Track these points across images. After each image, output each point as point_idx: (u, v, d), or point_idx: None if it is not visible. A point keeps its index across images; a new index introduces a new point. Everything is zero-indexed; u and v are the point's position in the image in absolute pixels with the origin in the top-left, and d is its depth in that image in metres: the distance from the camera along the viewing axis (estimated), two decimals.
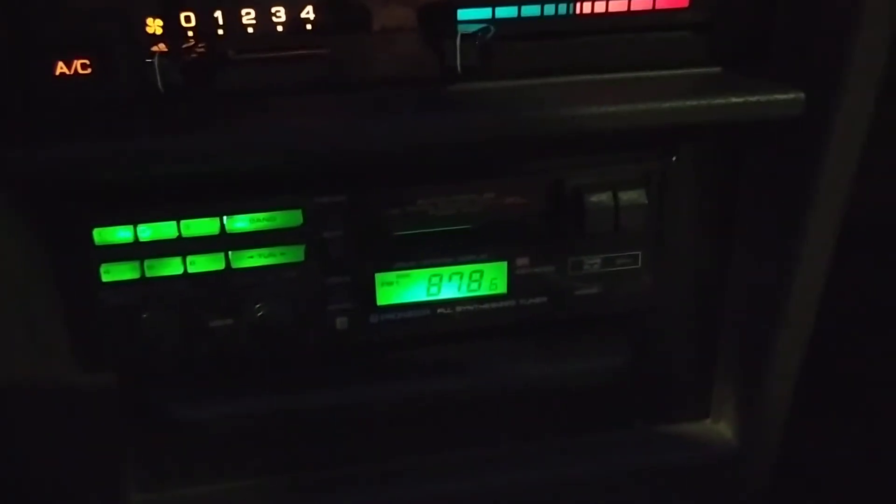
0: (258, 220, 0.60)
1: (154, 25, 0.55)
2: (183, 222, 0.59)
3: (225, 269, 0.61)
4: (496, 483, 0.72)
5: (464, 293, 0.65)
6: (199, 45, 0.55)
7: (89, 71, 0.55)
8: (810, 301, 0.68)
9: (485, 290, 0.66)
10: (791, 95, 0.58)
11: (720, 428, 0.76)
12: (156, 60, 0.52)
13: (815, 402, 0.77)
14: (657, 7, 0.60)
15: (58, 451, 0.64)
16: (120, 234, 0.59)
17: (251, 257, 0.61)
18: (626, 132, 0.58)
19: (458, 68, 0.55)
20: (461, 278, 0.65)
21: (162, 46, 0.54)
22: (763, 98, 0.58)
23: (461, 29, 0.55)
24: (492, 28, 0.56)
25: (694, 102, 0.58)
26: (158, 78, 0.52)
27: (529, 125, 0.56)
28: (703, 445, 0.75)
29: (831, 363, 0.82)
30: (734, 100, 0.58)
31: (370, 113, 0.56)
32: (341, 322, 0.64)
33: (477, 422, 0.73)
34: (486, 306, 0.66)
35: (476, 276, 0.65)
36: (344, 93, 0.59)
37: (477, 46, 0.55)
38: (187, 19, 0.56)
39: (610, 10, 0.60)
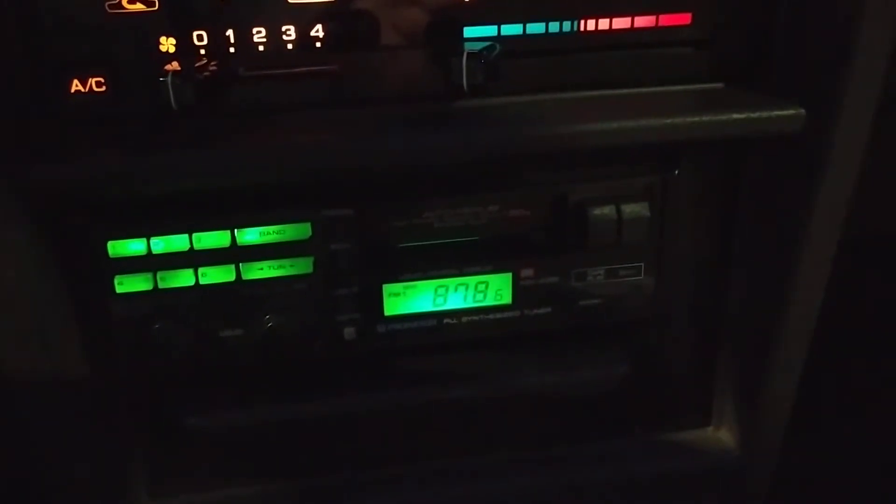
0: (268, 233, 0.61)
1: (167, 44, 0.57)
2: (195, 235, 0.60)
3: (235, 280, 0.62)
4: (500, 489, 0.74)
5: (469, 303, 0.67)
6: (212, 64, 0.56)
7: (104, 88, 0.56)
8: (810, 310, 0.69)
9: (490, 301, 0.67)
10: (791, 111, 0.59)
11: (721, 435, 0.77)
12: (169, 79, 0.53)
13: (814, 406, 0.78)
14: (660, 24, 0.61)
15: (69, 458, 0.65)
16: (133, 246, 0.60)
17: (261, 269, 0.62)
18: (630, 147, 0.59)
19: (465, 86, 0.56)
20: (467, 289, 0.66)
21: (175, 65, 0.55)
22: (764, 114, 0.59)
23: (467, 47, 0.56)
24: (497, 46, 0.57)
25: (696, 119, 0.58)
26: (172, 96, 0.53)
27: (534, 142, 0.57)
28: (704, 453, 0.76)
29: (831, 367, 0.83)
30: (735, 116, 0.59)
31: (377, 130, 0.57)
32: (349, 332, 0.65)
33: (481, 429, 0.74)
34: (491, 316, 0.67)
35: (481, 286, 0.66)
36: (352, 108, 0.60)
37: (483, 65, 0.55)
38: (199, 38, 0.57)
39: (613, 27, 0.61)
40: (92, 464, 0.66)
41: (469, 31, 0.59)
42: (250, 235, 0.61)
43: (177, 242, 0.60)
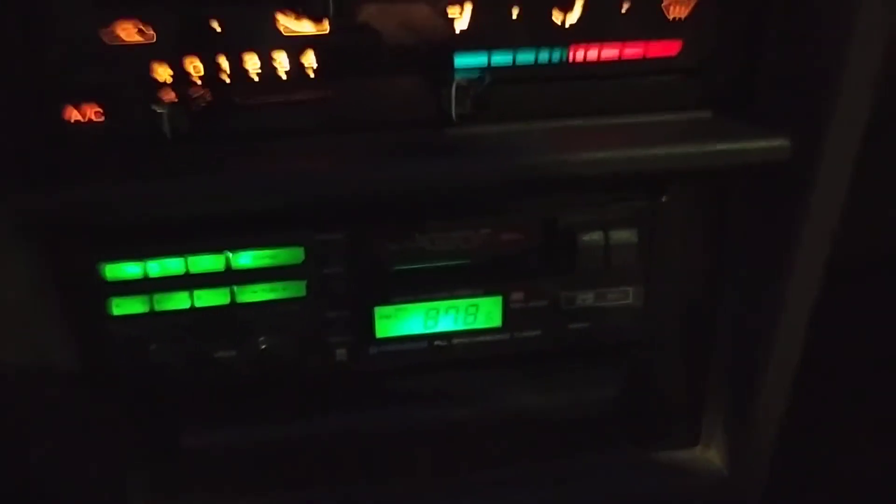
0: (261, 257, 0.63)
1: (163, 73, 0.58)
2: (190, 259, 0.62)
3: (230, 303, 0.63)
4: None
5: (460, 326, 0.68)
6: (207, 93, 0.57)
7: (101, 117, 0.58)
8: (798, 332, 0.69)
9: (480, 324, 0.68)
10: (777, 142, 0.60)
11: (710, 455, 0.77)
12: (165, 109, 0.55)
13: (803, 427, 0.79)
14: (648, 54, 0.62)
15: (66, 476, 0.66)
16: (129, 269, 0.61)
17: (255, 292, 0.63)
18: (617, 176, 0.60)
19: (453, 116, 0.57)
20: (457, 312, 0.67)
21: (171, 94, 0.56)
22: (749, 145, 0.60)
23: (457, 77, 0.58)
24: (486, 77, 0.58)
25: (682, 149, 0.59)
26: (167, 126, 0.55)
27: (522, 172, 0.58)
28: (692, 473, 0.77)
29: (820, 388, 0.83)
30: (721, 146, 0.60)
31: (367, 159, 0.58)
32: (341, 353, 0.66)
33: (472, 448, 0.75)
34: (481, 339, 0.68)
35: (472, 309, 0.67)
36: (343, 135, 0.61)
37: (472, 95, 0.57)
38: (195, 68, 0.58)
39: (602, 57, 0.62)
40: (89, 482, 0.67)
41: (459, 60, 0.60)
42: (244, 259, 0.62)
43: (172, 266, 0.62)
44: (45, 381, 0.62)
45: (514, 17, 0.59)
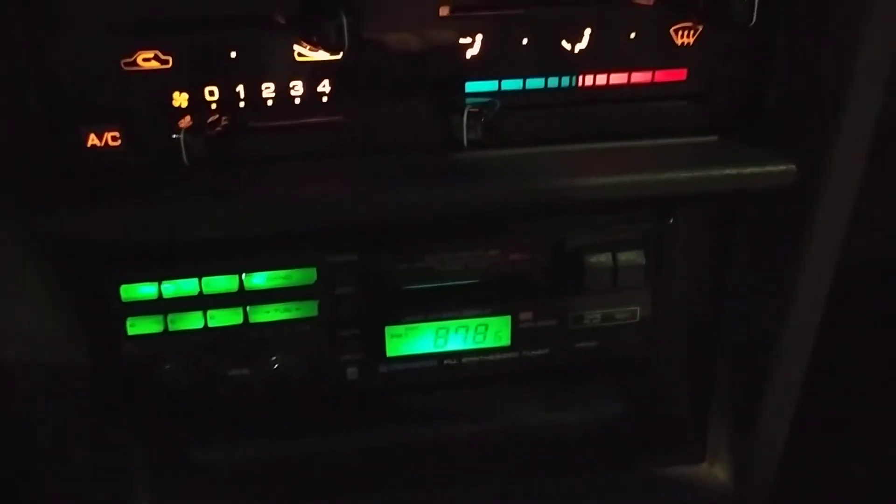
0: (275, 278, 0.64)
1: (180, 99, 0.59)
2: (204, 279, 0.63)
3: (243, 323, 0.64)
4: None
5: (469, 345, 0.69)
6: (223, 119, 0.58)
7: (119, 142, 0.59)
8: (802, 350, 0.70)
9: (489, 343, 0.69)
10: (783, 167, 0.61)
11: (716, 471, 0.78)
12: (182, 135, 0.55)
13: (808, 442, 0.79)
14: (656, 80, 0.63)
15: (78, 490, 0.67)
16: (145, 290, 0.62)
17: (268, 312, 0.64)
18: (625, 200, 0.61)
19: (465, 141, 0.58)
20: (467, 331, 0.68)
21: (188, 120, 0.57)
22: (756, 170, 0.61)
23: (468, 103, 0.58)
24: (497, 103, 0.59)
25: (689, 174, 0.60)
26: (184, 152, 0.55)
27: (532, 195, 0.59)
28: (699, 488, 0.77)
29: (824, 403, 0.84)
30: (728, 171, 0.61)
31: (379, 184, 0.59)
32: (352, 372, 0.68)
33: (479, 465, 0.76)
34: (490, 357, 0.69)
35: (481, 328, 0.68)
36: (356, 158, 0.62)
37: (483, 121, 0.58)
38: (211, 93, 0.59)
39: (611, 82, 0.62)
40: (98, 495, 0.68)
41: (470, 86, 0.61)
42: (258, 280, 0.64)
43: (187, 286, 0.63)
44: (60, 396, 0.63)
45: (524, 44, 0.60)
